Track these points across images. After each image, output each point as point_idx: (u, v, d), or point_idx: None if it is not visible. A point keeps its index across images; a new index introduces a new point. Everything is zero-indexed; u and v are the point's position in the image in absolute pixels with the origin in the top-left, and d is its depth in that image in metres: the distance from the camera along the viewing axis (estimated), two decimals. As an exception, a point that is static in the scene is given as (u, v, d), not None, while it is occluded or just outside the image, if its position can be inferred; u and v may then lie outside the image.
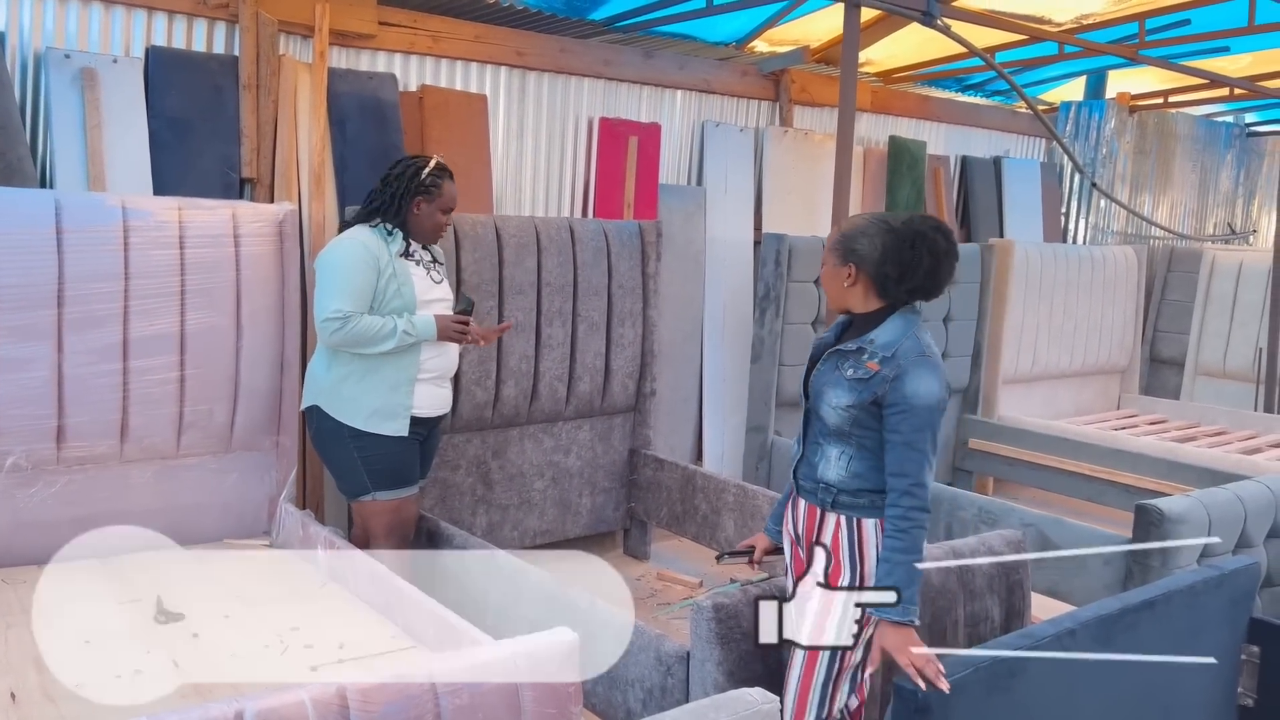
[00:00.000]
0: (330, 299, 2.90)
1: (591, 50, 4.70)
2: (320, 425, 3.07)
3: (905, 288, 2.16)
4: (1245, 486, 3.75)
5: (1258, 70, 6.23)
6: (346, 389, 3.00)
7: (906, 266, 2.13)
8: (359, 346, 2.93)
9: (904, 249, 2.13)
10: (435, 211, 3.05)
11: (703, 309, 5.13)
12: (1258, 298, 6.43)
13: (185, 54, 3.68)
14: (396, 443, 3.03)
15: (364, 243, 2.96)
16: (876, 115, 5.98)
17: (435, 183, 3.04)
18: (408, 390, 3.02)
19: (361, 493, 3.05)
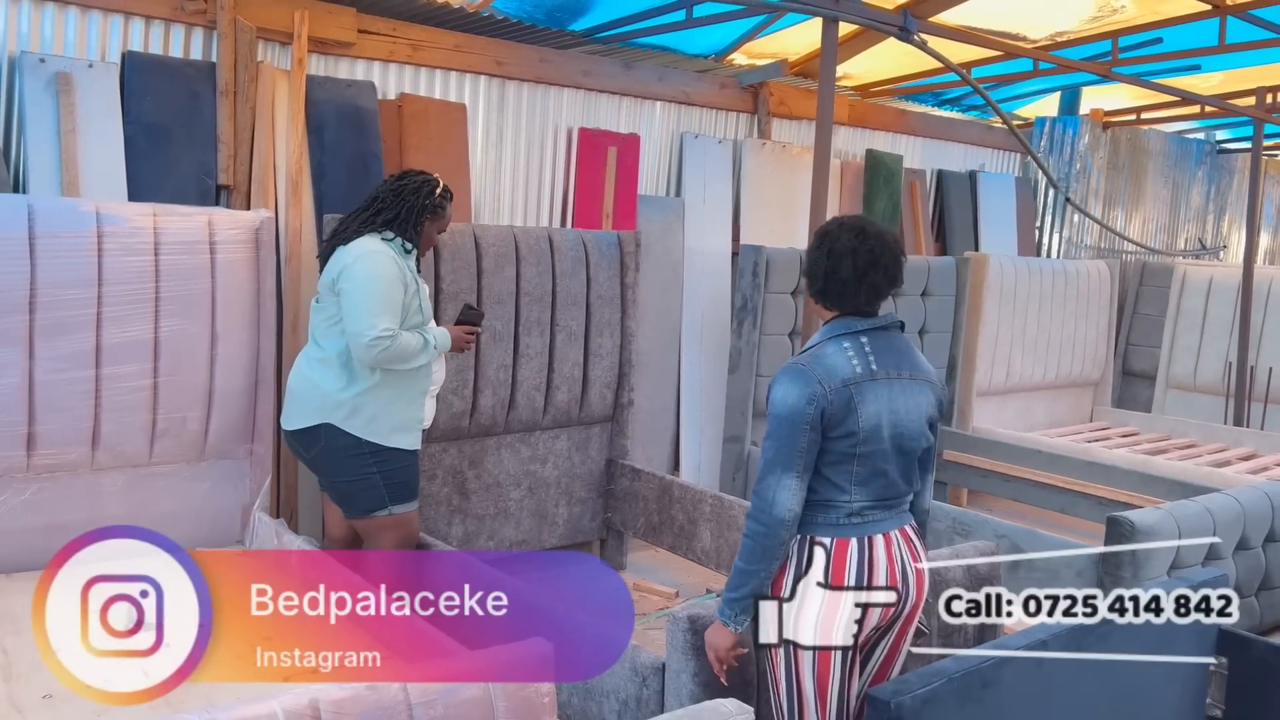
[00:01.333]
0: (377, 316, 2.83)
1: (571, 60, 4.72)
2: (334, 443, 2.95)
3: (814, 289, 2.12)
4: (1214, 499, 3.80)
5: (1228, 88, 6.33)
6: (368, 404, 2.93)
7: (813, 267, 2.11)
8: (398, 363, 2.90)
9: (813, 253, 2.12)
10: (434, 232, 3.10)
11: (681, 319, 5.14)
12: (1228, 313, 6.53)
13: (162, 59, 3.66)
14: (410, 455, 3.05)
15: (393, 259, 2.93)
16: (854, 129, 6.02)
17: (443, 204, 3.08)
18: (421, 404, 3.05)
19: (378, 508, 2.99)
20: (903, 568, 2.08)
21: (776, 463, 2.01)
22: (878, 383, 2.05)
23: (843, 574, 2.03)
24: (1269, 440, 5.79)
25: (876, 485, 2.06)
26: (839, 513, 2.05)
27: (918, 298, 5.47)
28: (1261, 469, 5.26)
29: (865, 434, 2.03)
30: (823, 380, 2.02)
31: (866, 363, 2.06)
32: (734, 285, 5.12)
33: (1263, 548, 3.94)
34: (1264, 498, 3.92)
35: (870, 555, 2.04)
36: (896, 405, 2.07)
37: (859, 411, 2.02)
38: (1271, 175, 8.91)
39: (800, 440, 2.00)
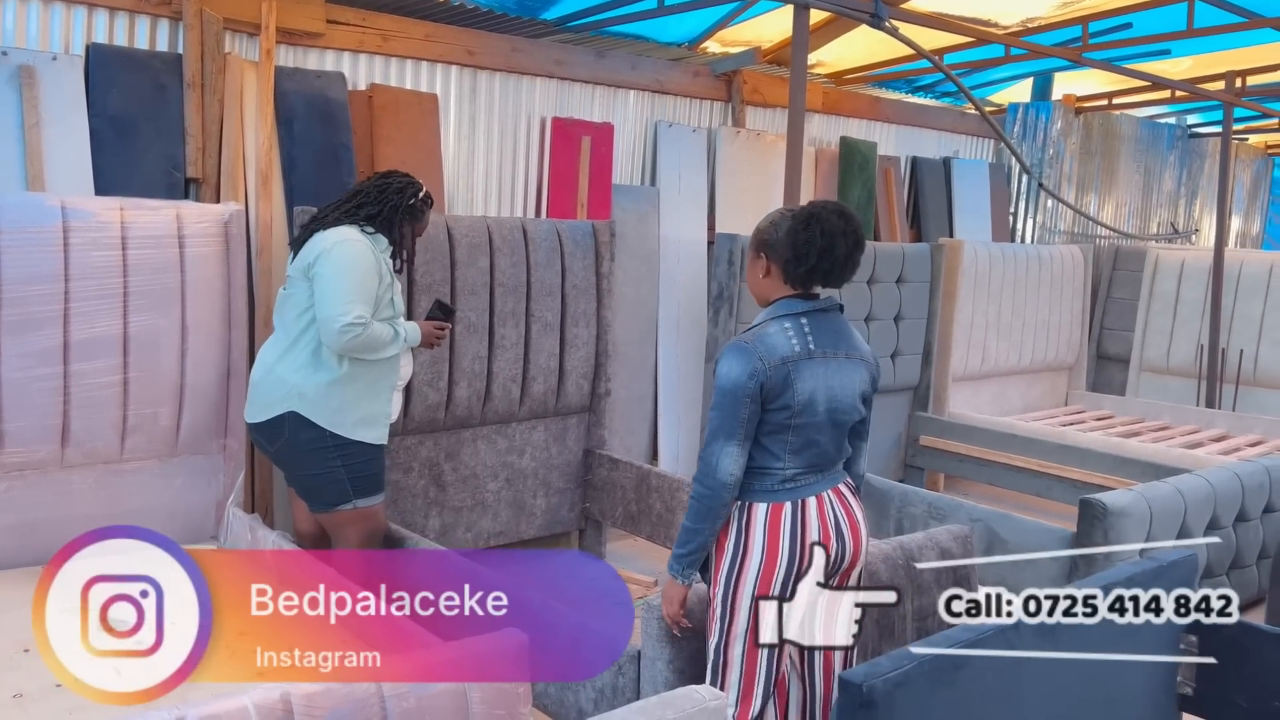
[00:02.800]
0: (350, 304, 2.81)
1: (543, 50, 4.69)
2: (299, 434, 2.92)
3: (803, 269, 2.22)
4: (1185, 480, 3.85)
5: (1198, 73, 6.38)
6: (334, 396, 2.91)
7: (802, 247, 2.20)
8: (367, 352, 2.88)
9: (799, 230, 2.21)
10: (411, 235, 3.08)
11: (657, 309, 5.14)
12: (1199, 295, 6.59)
13: (127, 51, 3.62)
14: (376, 449, 3.01)
15: (371, 249, 2.92)
16: (828, 116, 6.03)
17: (423, 209, 3.07)
18: (388, 398, 3.01)
19: (341, 501, 2.96)
20: (836, 524, 2.23)
21: (720, 432, 2.18)
22: (814, 361, 2.21)
23: (778, 533, 2.19)
24: (1240, 421, 5.86)
25: (809, 454, 2.22)
26: (774, 479, 2.21)
27: (893, 284, 5.49)
28: (1233, 450, 5.32)
29: (800, 407, 2.18)
30: (763, 357, 2.17)
31: (805, 342, 2.21)
32: (710, 274, 5.12)
33: (1233, 527, 3.99)
34: (1234, 478, 3.97)
35: (803, 515, 2.20)
36: (832, 382, 2.22)
37: (795, 387, 2.18)
38: (1242, 159, 8.99)
39: (742, 412, 2.16)
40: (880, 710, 1.85)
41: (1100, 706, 2.37)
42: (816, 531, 2.20)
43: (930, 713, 1.95)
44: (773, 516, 2.19)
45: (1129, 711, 2.48)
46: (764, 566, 2.18)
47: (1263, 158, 9.45)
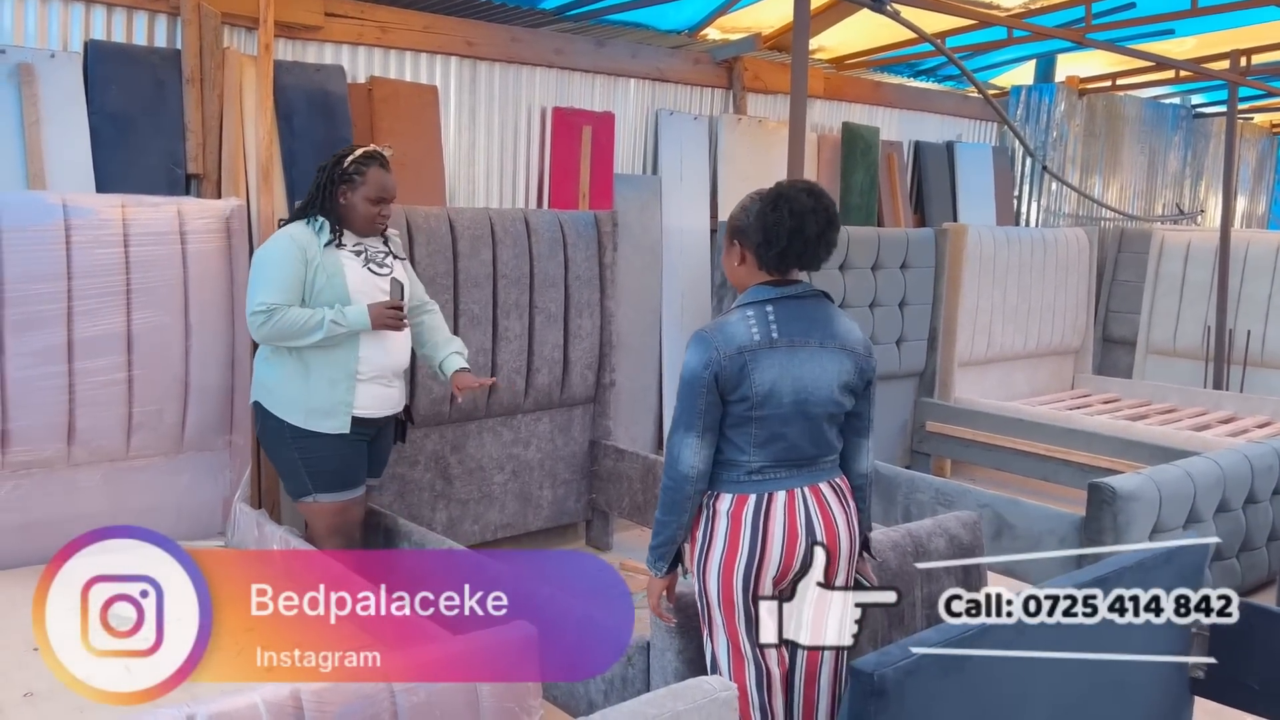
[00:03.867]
0: (257, 293, 2.85)
1: (543, 39, 4.67)
2: (264, 424, 3.02)
3: (774, 251, 2.14)
4: (1195, 463, 3.83)
5: (1202, 52, 6.33)
6: (287, 386, 2.93)
7: (771, 229, 2.13)
8: (287, 339, 2.86)
9: (767, 212, 2.14)
10: (362, 201, 2.93)
11: (661, 298, 5.13)
12: (1206, 277, 6.56)
13: (126, 48, 3.60)
14: (339, 442, 2.95)
15: (292, 236, 2.91)
16: (830, 102, 6.00)
17: (359, 170, 2.92)
18: (348, 387, 2.93)
19: (304, 493, 2.98)
20: (807, 522, 2.17)
21: (680, 423, 2.15)
22: (776, 350, 2.13)
23: (739, 525, 2.16)
24: (1248, 403, 5.84)
25: (776, 447, 2.16)
26: (740, 470, 2.17)
27: (897, 270, 5.47)
28: (1241, 431, 5.30)
29: (759, 398, 2.12)
30: (719, 347, 2.12)
31: (766, 331, 2.14)
32: (713, 262, 5.10)
33: (1243, 510, 3.98)
34: (1244, 460, 3.95)
35: (767, 510, 2.15)
36: (800, 372, 2.15)
37: (752, 378, 2.12)
38: (1247, 139, 8.93)
39: (698, 403, 2.13)
40: (891, 699, 1.84)
41: (1111, 691, 2.36)
42: (782, 527, 2.15)
43: (941, 700, 1.95)
44: (736, 508, 2.16)
45: (1140, 696, 2.48)
46: (725, 557, 2.16)
47: (1268, 137, 9.39)
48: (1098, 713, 2.36)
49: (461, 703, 1.80)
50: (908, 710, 1.89)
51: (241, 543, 3.24)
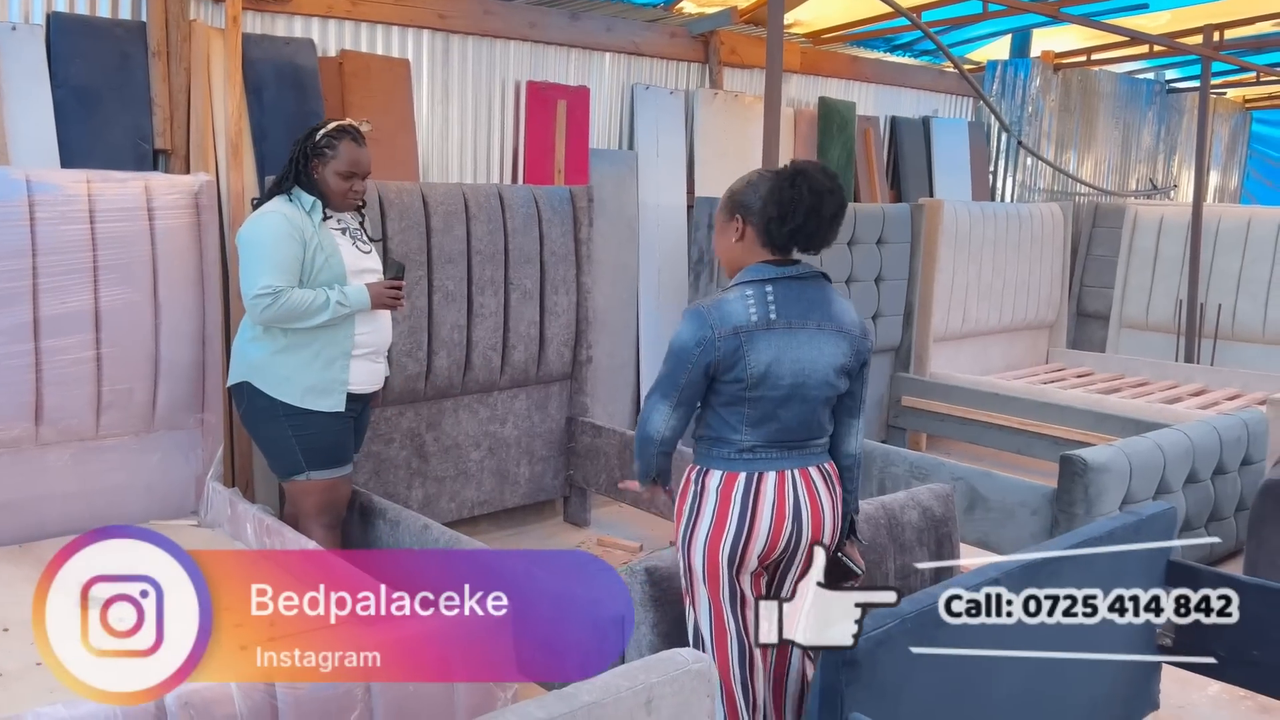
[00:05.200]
0: (258, 275, 2.78)
1: (516, 12, 4.62)
2: (252, 403, 2.95)
3: (788, 228, 2.13)
4: (1165, 435, 3.87)
5: (1176, 27, 6.35)
6: (280, 365, 2.89)
7: (787, 205, 2.11)
8: (293, 321, 2.82)
9: (785, 188, 2.12)
10: (333, 175, 2.89)
11: (638, 274, 5.12)
12: (1178, 251, 6.61)
13: (89, 20, 3.54)
14: (332, 420, 2.95)
15: (285, 215, 2.84)
16: (806, 76, 5.98)
17: (330, 144, 2.88)
18: (344, 365, 2.93)
19: (295, 472, 2.96)
20: (795, 505, 2.18)
21: (658, 388, 2.18)
22: (774, 331, 2.12)
23: (729, 503, 2.17)
24: (1218, 376, 5.90)
25: (769, 428, 2.16)
26: (732, 448, 2.17)
27: (873, 245, 5.47)
28: (1211, 404, 5.36)
29: (754, 379, 2.11)
30: (714, 326, 2.11)
31: (765, 311, 2.12)
32: (690, 238, 5.09)
33: (1211, 480, 4.03)
34: (1213, 432, 4.00)
35: (757, 489, 2.16)
36: (798, 354, 2.13)
37: (748, 358, 2.10)
38: (1220, 114, 8.99)
39: (680, 376, 2.14)
40: (863, 669, 1.86)
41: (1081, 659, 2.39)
42: (771, 507, 2.15)
43: (912, 669, 1.96)
44: (726, 485, 2.16)
45: (1110, 663, 2.51)
46: (712, 533, 2.17)
47: (1240, 112, 9.45)
48: (1069, 677, 2.40)
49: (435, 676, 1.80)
50: (880, 680, 1.90)
51: (215, 522, 3.22)
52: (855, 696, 1.85)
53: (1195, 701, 3.01)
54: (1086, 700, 2.53)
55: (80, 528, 3.10)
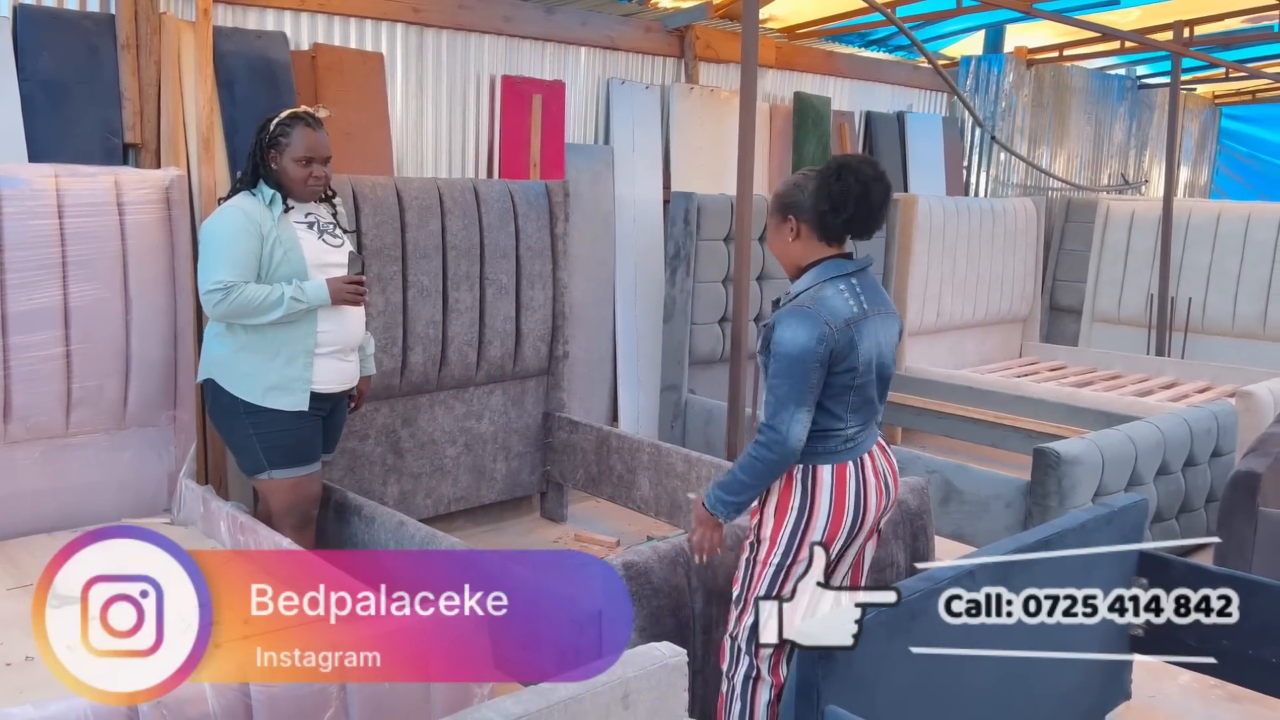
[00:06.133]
0: (211, 270, 2.76)
1: (491, 6, 4.60)
2: (216, 400, 2.94)
3: (843, 218, 2.22)
4: (1136, 427, 3.91)
5: (1146, 23, 6.41)
6: (242, 363, 2.87)
7: (838, 197, 2.20)
8: (246, 317, 2.79)
9: (833, 181, 2.21)
10: (291, 163, 2.84)
11: (614, 269, 5.11)
12: (1149, 246, 6.68)
13: (57, 12, 3.48)
14: (295, 418, 2.91)
15: (243, 209, 2.81)
16: (781, 71, 5.98)
17: (284, 131, 2.84)
18: (305, 363, 2.89)
19: (259, 470, 2.93)
20: (884, 476, 2.34)
21: (790, 399, 2.18)
22: (869, 320, 2.25)
23: (844, 498, 2.26)
24: (1189, 369, 5.97)
25: (865, 411, 2.29)
26: (837, 440, 2.26)
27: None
28: (1182, 396, 5.42)
29: (863, 368, 2.23)
30: (829, 321, 2.18)
31: (860, 302, 2.24)
32: (666, 233, 5.09)
33: (1182, 472, 4.07)
34: (1183, 424, 4.04)
35: (864, 474, 2.29)
36: (880, 338, 2.28)
37: (859, 348, 2.22)
38: (1190, 110, 9.08)
39: (811, 377, 2.18)
40: (839, 663, 1.87)
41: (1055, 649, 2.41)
42: (873, 487, 2.28)
43: (888, 662, 1.97)
44: (838, 478, 2.25)
45: (1084, 653, 2.54)
46: (830, 522, 2.25)
47: (1210, 108, 9.55)
48: (1044, 669, 2.42)
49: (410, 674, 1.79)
50: (855, 673, 1.91)
51: (188, 520, 3.19)
52: (832, 690, 1.86)
53: (1166, 691, 3.05)
54: (1061, 692, 2.56)
55: (50, 527, 3.07)
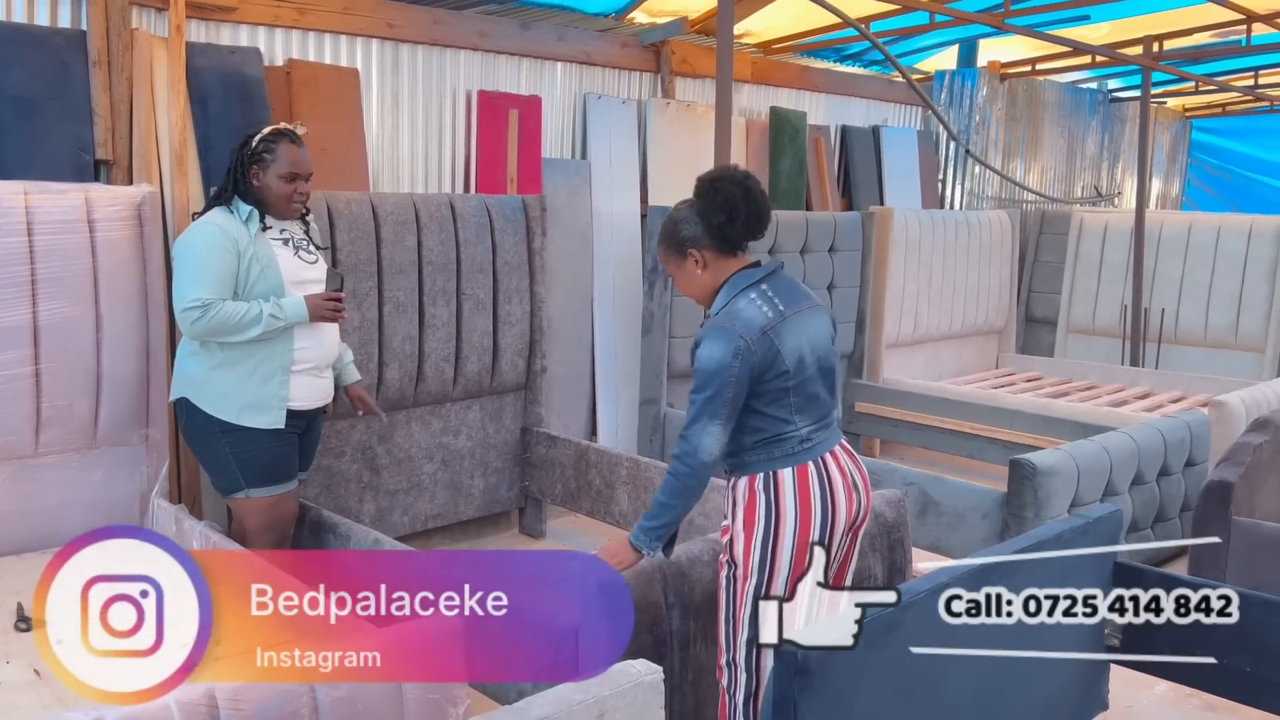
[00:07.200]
0: (188, 288, 2.72)
1: (466, 21, 4.60)
2: (190, 419, 2.89)
3: (740, 222, 2.23)
4: (1111, 438, 3.94)
5: (1116, 38, 6.49)
6: (217, 381, 2.83)
7: (726, 205, 2.23)
8: (224, 335, 2.76)
9: (714, 195, 2.24)
10: (275, 179, 2.83)
11: (592, 283, 5.11)
12: (1122, 257, 6.74)
13: (27, 28, 3.46)
14: (271, 436, 2.88)
15: (219, 225, 2.78)
16: (757, 86, 6.02)
17: (268, 148, 2.82)
18: (282, 380, 2.86)
19: (235, 490, 2.89)
20: (853, 478, 2.32)
21: (704, 412, 2.18)
22: (788, 321, 2.24)
23: (809, 498, 2.24)
24: (1163, 379, 6.02)
25: (813, 409, 2.27)
26: (791, 442, 2.25)
27: (825, 253, 5.52)
28: (1156, 406, 5.47)
29: (794, 368, 2.22)
30: (743, 335, 2.18)
31: (774, 306, 2.24)
32: (644, 247, 5.09)
33: (1157, 482, 4.10)
34: (1157, 434, 4.08)
35: (828, 474, 2.27)
36: (811, 334, 2.28)
37: (781, 351, 2.21)
38: (1161, 122, 9.20)
39: (727, 393, 2.17)
40: (816, 676, 1.86)
41: (1031, 663, 2.41)
42: (840, 485, 2.27)
43: (865, 675, 1.97)
44: (800, 479, 2.24)
45: (1060, 665, 2.54)
46: (799, 527, 2.23)
47: (1181, 121, 9.68)
48: (1019, 681, 2.42)
49: (384, 695, 1.77)
50: (833, 687, 1.91)
51: (160, 539, 3.15)
52: (809, 705, 1.85)
53: (1143, 701, 3.07)
54: (1038, 703, 2.56)
55: (20, 548, 3.03)
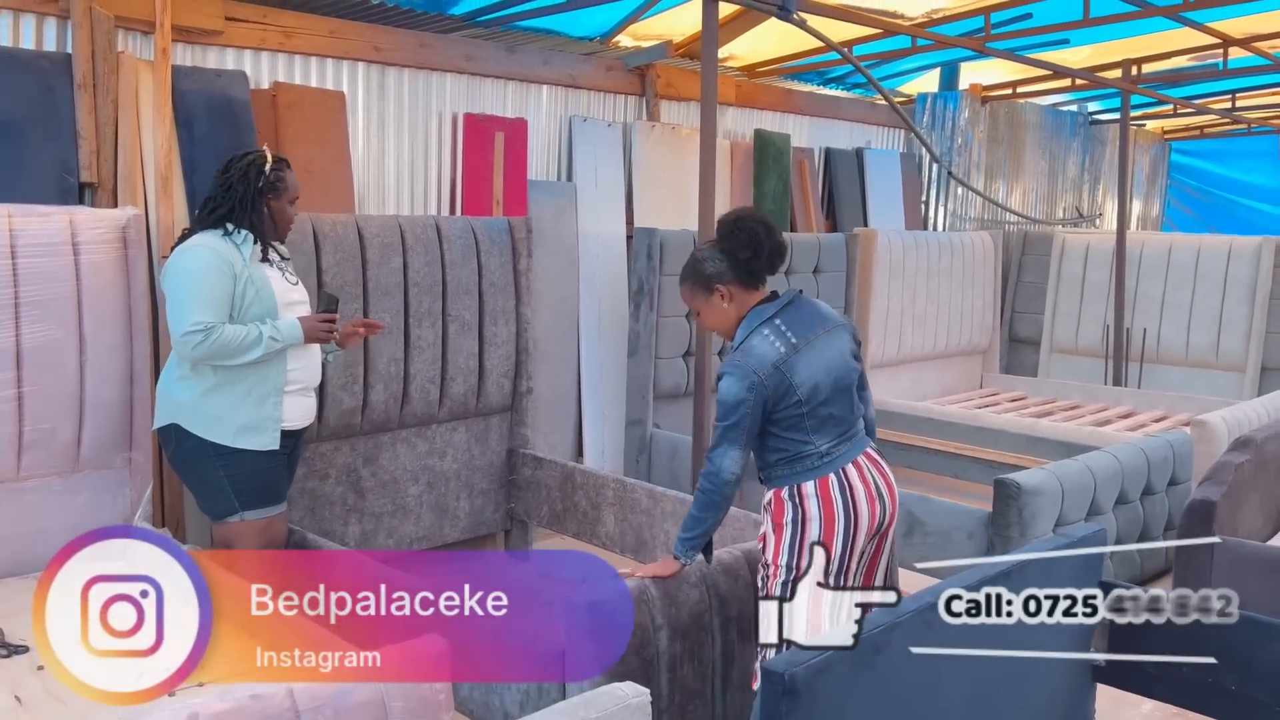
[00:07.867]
0: (188, 311, 2.71)
1: (453, 45, 4.63)
2: (181, 445, 2.86)
3: (764, 256, 2.43)
4: (1095, 457, 3.96)
5: (1096, 61, 6.58)
6: (211, 405, 2.81)
7: (750, 242, 2.42)
8: (225, 358, 2.75)
9: (739, 233, 2.43)
10: (285, 206, 2.90)
11: (578, 305, 5.12)
12: (1104, 277, 6.80)
13: (11, 51, 3.46)
14: (266, 458, 2.87)
15: (213, 248, 2.78)
16: (741, 109, 6.06)
17: (280, 177, 2.88)
18: (276, 402, 2.86)
19: (229, 513, 2.87)
20: (876, 486, 2.48)
21: (725, 438, 2.40)
22: (800, 353, 2.41)
23: (832, 504, 2.42)
24: (1145, 398, 6.07)
25: (830, 428, 2.44)
26: (811, 458, 2.42)
27: (809, 275, 5.54)
28: (1139, 426, 5.50)
29: (806, 396, 2.39)
30: (757, 370, 2.37)
31: (787, 340, 2.41)
32: (630, 269, 5.11)
33: (1141, 501, 4.12)
34: (1140, 454, 4.10)
35: (849, 483, 2.44)
36: (825, 359, 2.44)
37: (793, 383, 2.38)
38: (1140, 144, 9.31)
39: (745, 422, 2.38)
40: (803, 698, 1.86)
41: (1018, 681, 2.42)
42: (863, 493, 2.43)
43: (853, 696, 1.97)
44: (823, 489, 2.41)
45: (1046, 685, 2.54)
46: (824, 525, 2.39)
47: (1160, 142, 9.80)
48: (1006, 701, 2.42)
49: (369, 717, 1.76)
50: (820, 709, 1.90)
51: (143, 563, 3.13)
52: (796, 726, 1.85)
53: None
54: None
55: (2, 572, 2.99)
